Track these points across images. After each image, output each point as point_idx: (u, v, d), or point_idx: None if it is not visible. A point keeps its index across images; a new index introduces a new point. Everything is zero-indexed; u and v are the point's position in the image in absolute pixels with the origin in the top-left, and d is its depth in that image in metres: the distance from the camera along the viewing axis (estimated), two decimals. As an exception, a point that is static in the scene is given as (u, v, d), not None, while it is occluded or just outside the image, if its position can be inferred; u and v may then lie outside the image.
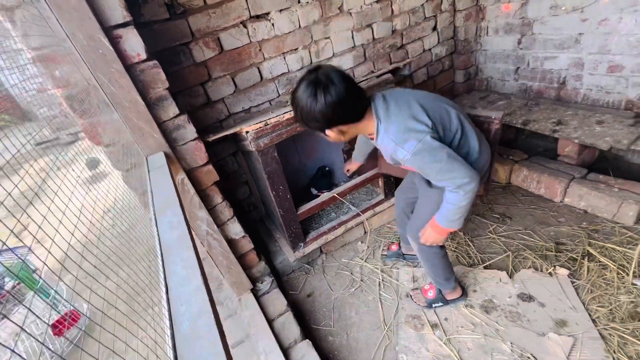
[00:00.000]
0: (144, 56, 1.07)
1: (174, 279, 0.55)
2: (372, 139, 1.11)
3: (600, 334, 1.27)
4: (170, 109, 1.20)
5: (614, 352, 1.21)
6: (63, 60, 0.97)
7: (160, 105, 1.16)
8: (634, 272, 1.42)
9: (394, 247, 1.84)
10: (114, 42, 1.00)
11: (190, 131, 1.27)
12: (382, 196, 2.01)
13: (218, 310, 1.61)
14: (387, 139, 1.01)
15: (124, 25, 1.01)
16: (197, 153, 1.32)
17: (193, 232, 1.37)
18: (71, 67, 0.97)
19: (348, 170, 1.78)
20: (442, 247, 1.37)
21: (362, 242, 2.02)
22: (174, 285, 0.54)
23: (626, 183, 1.70)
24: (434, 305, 1.51)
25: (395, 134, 0.99)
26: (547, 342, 1.29)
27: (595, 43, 1.85)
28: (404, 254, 1.81)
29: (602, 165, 2.02)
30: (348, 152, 2.23)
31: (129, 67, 1.05)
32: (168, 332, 0.45)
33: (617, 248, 1.54)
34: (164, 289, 0.53)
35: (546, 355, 1.25)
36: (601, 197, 1.70)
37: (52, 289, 0.52)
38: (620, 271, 1.45)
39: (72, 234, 0.58)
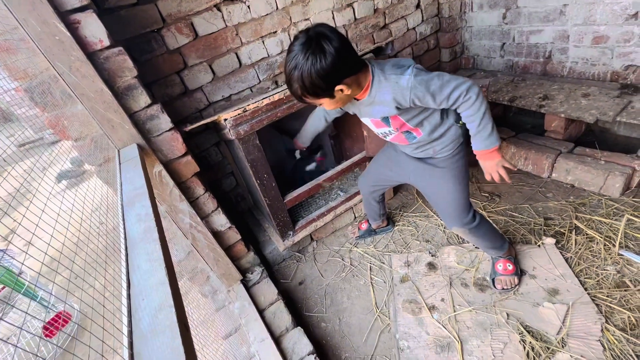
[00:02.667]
0: (106, 43, 1.01)
1: (137, 274, 0.52)
2: (357, 99, 1.08)
3: (591, 298, 1.30)
4: (141, 99, 1.14)
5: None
6: (18, 49, 0.90)
7: (129, 94, 1.11)
8: (620, 243, 1.43)
9: (364, 226, 1.88)
10: (72, 28, 0.93)
11: (164, 121, 1.22)
12: (370, 180, 1.99)
13: (206, 303, 1.60)
14: (385, 82, 1.00)
15: (81, 9, 0.95)
16: (173, 144, 1.27)
17: (176, 225, 1.34)
18: (27, 56, 0.91)
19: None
20: (482, 217, 1.33)
21: (352, 228, 2.01)
22: (137, 280, 0.51)
23: (612, 155, 1.69)
24: (520, 273, 1.45)
25: (392, 69, 1.00)
26: (543, 311, 1.31)
27: (580, 14, 1.81)
28: (374, 230, 1.87)
29: (589, 138, 2.02)
30: (335, 137, 2.19)
31: (91, 55, 0.99)
32: (125, 330, 0.42)
33: (604, 220, 1.54)
34: (125, 285, 0.50)
35: (542, 324, 1.27)
36: (587, 171, 1.70)
37: (32, 293, 0.49)
38: (607, 243, 1.46)
39: (39, 238, 0.55)
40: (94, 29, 0.98)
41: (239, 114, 1.34)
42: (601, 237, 1.47)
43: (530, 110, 1.96)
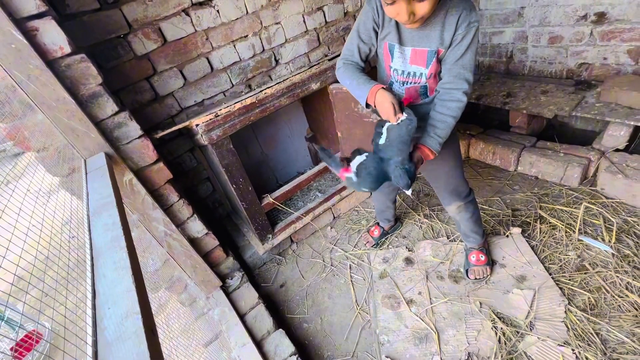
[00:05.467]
0: (67, 50, 0.98)
1: (102, 283, 0.52)
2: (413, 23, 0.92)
3: (555, 282, 1.38)
4: (108, 106, 1.12)
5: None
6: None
7: (94, 102, 1.08)
8: (579, 229, 1.53)
9: (376, 232, 1.81)
10: (29, 35, 0.90)
11: (133, 129, 1.20)
12: (347, 180, 2.02)
13: (185, 311, 1.57)
14: (460, 2, 0.93)
15: (39, 16, 0.92)
16: (144, 151, 1.24)
17: (150, 234, 1.31)
18: (-19, 66, 0.87)
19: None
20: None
21: (331, 228, 2.03)
22: (103, 289, 0.50)
23: (570, 148, 1.81)
24: (492, 263, 1.51)
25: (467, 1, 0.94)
26: (512, 297, 1.38)
27: (536, 16, 1.93)
28: (387, 231, 1.84)
29: (550, 132, 2.14)
30: (311, 140, 2.21)
31: (52, 63, 0.96)
32: (89, 340, 0.42)
33: (565, 209, 1.64)
34: (90, 295, 0.49)
35: (512, 309, 1.34)
36: (549, 163, 1.80)
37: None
38: (568, 230, 1.55)
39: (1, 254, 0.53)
40: (54, 35, 0.95)
41: (210, 119, 1.33)
42: (562, 225, 1.57)
43: (496, 107, 2.06)
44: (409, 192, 1.01)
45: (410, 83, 1.08)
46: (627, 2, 1.59)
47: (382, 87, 0.99)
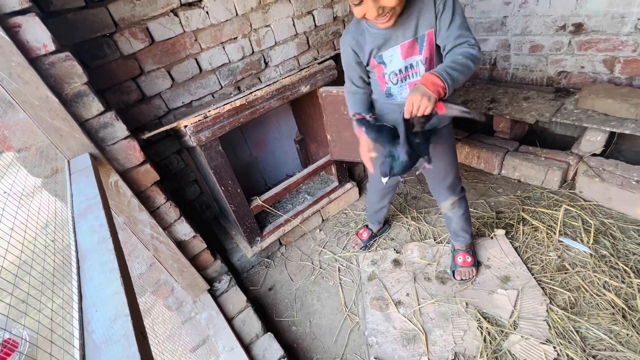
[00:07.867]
0: (51, 47, 0.95)
1: (89, 286, 0.50)
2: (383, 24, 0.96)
3: (537, 282, 1.43)
4: (93, 106, 1.09)
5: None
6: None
7: (79, 102, 1.05)
8: (560, 231, 1.58)
9: (365, 235, 1.83)
10: (12, 32, 0.88)
11: (119, 129, 1.18)
12: (336, 183, 2.03)
13: (171, 316, 1.54)
14: None
15: (21, 12, 0.89)
16: (130, 152, 1.22)
17: (136, 237, 1.29)
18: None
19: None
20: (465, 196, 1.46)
21: (320, 231, 2.04)
22: (90, 292, 0.49)
23: (550, 152, 1.88)
24: (477, 264, 1.54)
25: None
26: (497, 297, 1.41)
27: (518, 25, 2.00)
28: (376, 233, 1.85)
29: (531, 137, 2.22)
30: (300, 143, 2.22)
31: (34, 60, 0.93)
32: (77, 343, 0.40)
33: (546, 211, 1.70)
34: (76, 298, 0.48)
35: (496, 309, 1.37)
36: (531, 167, 1.86)
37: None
38: (549, 231, 1.61)
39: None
40: (37, 33, 0.93)
41: (199, 120, 1.32)
42: (544, 227, 1.62)
43: (480, 113, 2.11)
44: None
45: (411, 76, 1.10)
46: (603, 15, 1.67)
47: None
